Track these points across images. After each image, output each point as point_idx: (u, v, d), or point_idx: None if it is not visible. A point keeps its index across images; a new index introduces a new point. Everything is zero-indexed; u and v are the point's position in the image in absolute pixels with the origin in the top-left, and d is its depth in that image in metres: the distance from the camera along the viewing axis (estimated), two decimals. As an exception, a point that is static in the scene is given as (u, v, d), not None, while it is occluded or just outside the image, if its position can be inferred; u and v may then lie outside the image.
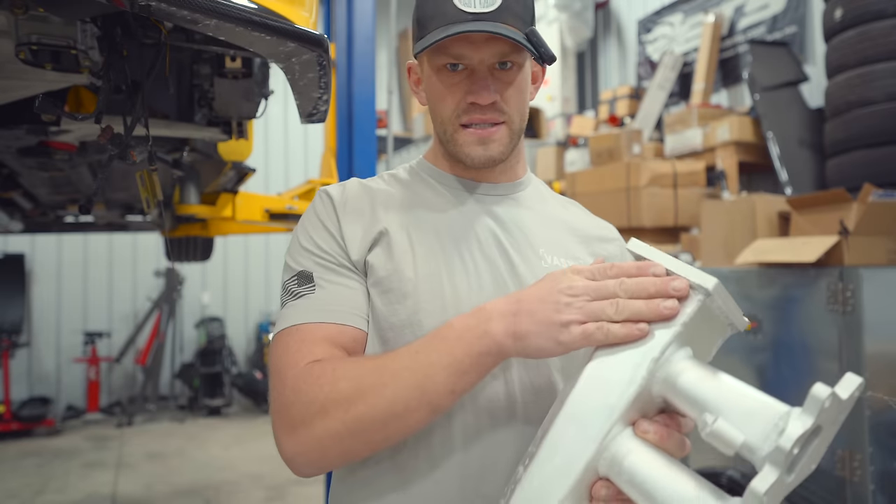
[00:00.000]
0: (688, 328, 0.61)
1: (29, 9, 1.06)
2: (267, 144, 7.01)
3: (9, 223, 3.11)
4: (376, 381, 0.70)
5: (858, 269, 2.07)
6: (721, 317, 0.64)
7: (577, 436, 0.61)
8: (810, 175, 3.68)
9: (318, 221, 0.87)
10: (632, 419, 0.62)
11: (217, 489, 4.20)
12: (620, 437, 0.61)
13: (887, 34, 3.13)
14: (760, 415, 0.54)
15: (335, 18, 3.55)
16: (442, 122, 0.87)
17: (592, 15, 6.81)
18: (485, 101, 0.82)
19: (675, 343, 0.61)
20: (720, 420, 0.55)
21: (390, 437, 0.72)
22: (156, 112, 1.67)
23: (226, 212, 3.15)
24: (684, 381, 0.59)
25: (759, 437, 0.52)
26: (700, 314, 0.61)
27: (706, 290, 0.60)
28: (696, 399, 0.58)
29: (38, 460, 4.89)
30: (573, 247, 0.92)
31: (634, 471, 0.59)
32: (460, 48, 0.81)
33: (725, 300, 0.62)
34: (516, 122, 0.87)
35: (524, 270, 0.86)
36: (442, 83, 0.85)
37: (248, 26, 1.01)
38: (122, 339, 6.32)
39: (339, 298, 0.81)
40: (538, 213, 0.94)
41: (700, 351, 0.64)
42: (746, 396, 0.56)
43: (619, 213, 3.79)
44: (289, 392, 0.74)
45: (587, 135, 5.20)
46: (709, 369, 0.60)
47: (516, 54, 0.83)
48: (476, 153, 0.86)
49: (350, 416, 0.70)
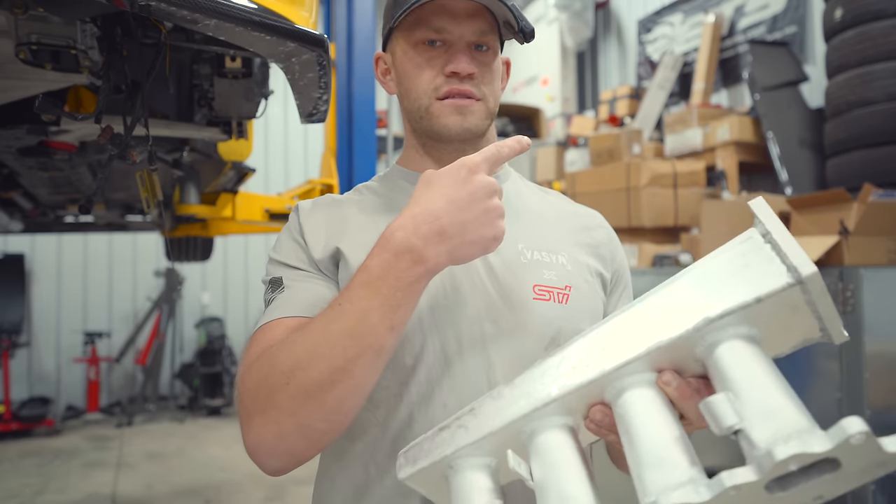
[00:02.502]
0: (763, 306, 0.54)
1: (29, 9, 1.06)
2: (267, 144, 7.01)
3: (9, 223, 3.11)
4: (310, 345, 0.67)
5: (858, 269, 2.07)
6: (810, 314, 0.56)
7: (600, 354, 0.60)
8: (810, 175, 3.68)
9: (287, 232, 0.89)
10: (660, 367, 0.59)
11: (217, 489, 4.20)
12: (640, 375, 0.58)
13: (887, 34, 3.13)
14: (779, 417, 0.49)
15: (335, 18, 3.55)
16: (417, 97, 0.86)
17: (592, 15, 6.81)
18: (465, 72, 0.82)
19: (740, 314, 0.54)
20: (722, 395, 0.51)
21: (344, 397, 0.67)
22: (156, 112, 1.67)
23: (226, 212, 3.15)
24: (723, 352, 0.54)
25: (761, 436, 0.48)
26: (783, 299, 0.54)
27: (798, 276, 0.53)
28: (725, 374, 0.53)
29: (38, 460, 4.89)
30: (554, 240, 0.90)
31: (630, 408, 0.57)
32: (441, 21, 0.82)
33: (821, 298, 0.54)
34: (491, 103, 0.87)
35: (502, 268, 0.85)
36: (420, 56, 0.85)
37: (248, 26, 1.01)
38: (122, 339, 6.33)
39: (303, 294, 0.80)
40: (516, 207, 0.92)
41: (772, 340, 0.57)
42: (776, 396, 0.51)
43: (619, 213, 3.79)
44: (239, 387, 0.73)
45: (587, 135, 5.20)
46: (760, 356, 0.54)
47: (492, 36, 0.85)
48: (453, 122, 0.85)
49: (293, 387, 0.66)
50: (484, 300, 0.82)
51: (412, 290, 0.67)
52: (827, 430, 0.46)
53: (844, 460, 0.46)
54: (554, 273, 0.86)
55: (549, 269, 0.86)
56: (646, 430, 0.55)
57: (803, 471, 0.47)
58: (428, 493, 0.70)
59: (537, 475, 0.60)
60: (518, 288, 0.84)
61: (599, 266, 0.91)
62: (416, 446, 0.69)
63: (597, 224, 0.97)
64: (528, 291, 0.83)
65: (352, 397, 0.68)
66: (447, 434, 0.66)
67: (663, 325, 0.57)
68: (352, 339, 0.65)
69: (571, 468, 0.59)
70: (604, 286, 0.91)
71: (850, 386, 2.07)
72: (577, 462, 0.59)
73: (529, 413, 0.61)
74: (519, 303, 0.82)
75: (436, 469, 0.66)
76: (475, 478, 0.64)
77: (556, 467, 0.59)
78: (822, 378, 2.17)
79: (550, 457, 0.60)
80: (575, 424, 0.63)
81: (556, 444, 0.61)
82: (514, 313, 0.82)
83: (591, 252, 0.92)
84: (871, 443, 0.45)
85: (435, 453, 0.66)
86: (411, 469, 0.67)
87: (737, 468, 0.47)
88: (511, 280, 0.84)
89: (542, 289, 0.84)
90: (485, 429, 0.63)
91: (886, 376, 2.07)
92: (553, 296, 0.84)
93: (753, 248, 0.57)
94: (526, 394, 0.63)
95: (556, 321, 0.83)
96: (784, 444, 0.46)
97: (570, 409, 0.62)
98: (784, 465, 0.45)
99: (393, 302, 0.66)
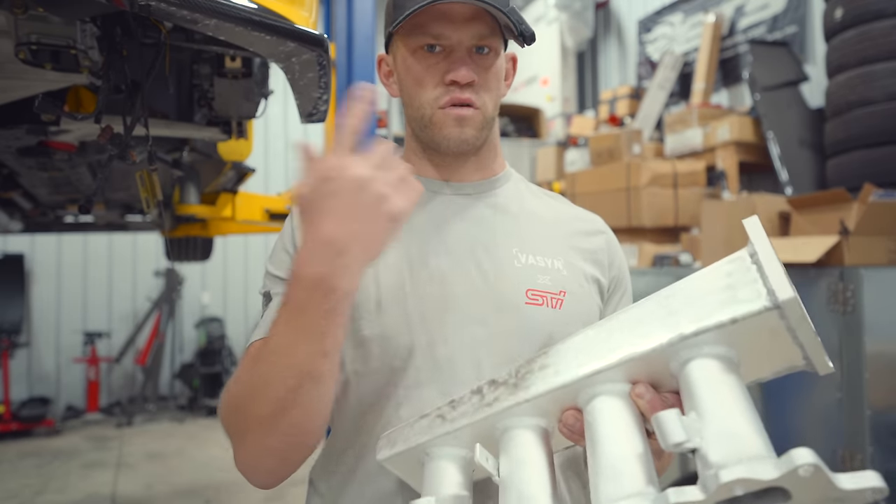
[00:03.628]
0: (738, 328, 0.54)
1: (29, 9, 1.06)
2: (267, 144, 7.00)
3: (9, 223, 3.11)
4: (255, 378, 0.69)
5: (859, 269, 2.07)
6: (791, 341, 0.55)
7: (576, 359, 0.61)
8: (810, 175, 3.68)
9: (279, 241, 0.90)
10: (636, 378, 0.59)
11: (217, 489, 4.20)
12: (613, 384, 0.58)
13: (887, 34, 3.13)
14: (735, 440, 0.48)
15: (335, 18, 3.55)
16: (420, 106, 0.85)
17: (592, 15, 6.81)
18: (465, 80, 0.81)
19: (716, 333, 0.54)
20: (670, 412, 0.51)
21: (297, 422, 0.68)
22: (156, 112, 1.67)
23: (226, 212, 3.16)
24: (693, 369, 0.54)
25: (714, 457, 0.47)
26: (760, 322, 0.53)
27: (775, 301, 0.52)
28: (691, 391, 0.53)
29: (37, 460, 4.89)
30: (551, 244, 0.90)
31: (597, 416, 0.57)
32: (440, 27, 0.81)
33: (800, 325, 0.53)
34: (489, 111, 0.86)
35: (494, 273, 0.85)
36: (419, 64, 0.84)
37: (247, 26, 1.01)
38: (122, 339, 6.32)
39: None
40: (514, 211, 0.92)
41: (753, 364, 0.57)
42: (738, 419, 0.50)
43: (619, 213, 3.79)
44: (220, 407, 0.76)
45: (587, 135, 5.20)
46: (730, 378, 0.53)
47: (493, 38, 0.83)
48: (453, 134, 0.84)
49: (252, 417, 0.69)
50: (475, 304, 0.83)
51: (334, 317, 0.65)
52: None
53: (794, 491, 0.45)
54: (549, 278, 0.86)
55: (543, 274, 0.86)
56: (609, 440, 0.55)
57: (754, 499, 0.47)
58: (403, 475, 0.74)
59: (503, 471, 0.61)
60: (510, 292, 0.84)
61: (597, 272, 0.91)
62: (397, 431, 0.73)
63: (596, 229, 0.96)
64: (521, 296, 0.84)
65: (306, 421, 0.69)
66: (426, 422, 0.69)
67: (640, 337, 0.58)
68: (289, 370, 0.66)
69: (535, 468, 0.60)
70: (601, 292, 0.91)
71: (850, 386, 2.07)
72: (541, 463, 0.60)
73: (503, 410, 0.63)
74: (510, 307, 0.82)
75: (412, 454, 0.69)
76: (447, 467, 0.66)
77: (520, 466, 0.60)
78: (822, 378, 2.17)
79: (517, 454, 0.61)
80: (549, 427, 0.64)
81: (525, 443, 0.62)
82: (505, 317, 0.82)
83: (589, 257, 0.92)
84: (820, 476, 0.44)
85: (412, 439, 0.69)
86: (389, 452, 0.71)
87: (687, 486, 0.47)
88: (503, 284, 0.84)
89: (536, 293, 0.84)
90: (461, 421, 0.65)
91: (886, 376, 2.07)
92: (547, 301, 0.84)
93: (741, 269, 0.58)
94: (503, 393, 0.64)
95: (548, 326, 0.83)
96: (732, 467, 0.45)
97: (543, 411, 0.63)
98: (729, 489, 0.45)
99: (317, 331, 0.65)
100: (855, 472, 0.45)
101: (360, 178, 0.64)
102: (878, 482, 0.44)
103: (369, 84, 0.65)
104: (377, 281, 0.83)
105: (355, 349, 0.82)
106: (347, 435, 0.85)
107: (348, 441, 0.85)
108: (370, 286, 0.83)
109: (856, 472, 0.45)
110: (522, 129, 6.41)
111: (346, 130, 0.67)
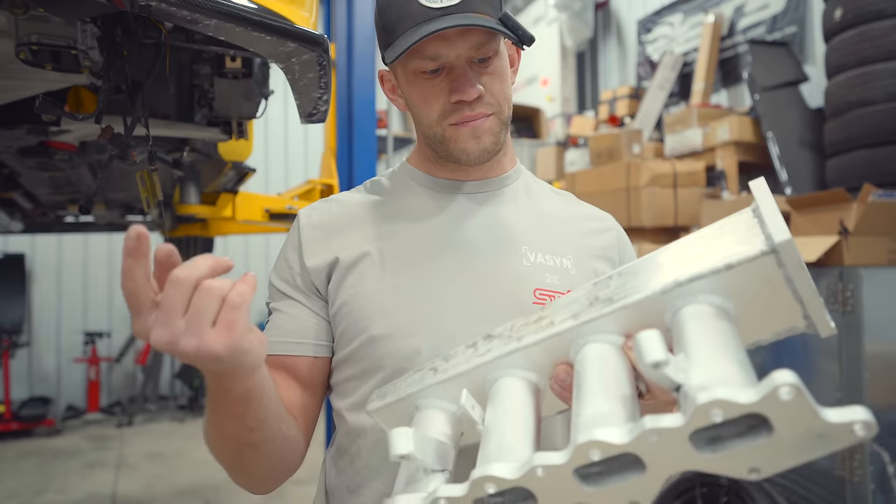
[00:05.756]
0: (734, 274, 0.51)
1: (29, 9, 1.06)
2: (267, 144, 7.00)
3: (9, 223, 3.11)
4: (211, 440, 0.74)
5: (858, 269, 2.07)
6: (789, 294, 0.52)
7: (571, 310, 0.60)
8: (810, 175, 3.68)
9: (283, 248, 0.91)
10: (630, 331, 0.57)
11: (217, 489, 4.20)
12: (606, 335, 0.57)
13: (887, 34, 3.13)
14: (722, 374, 0.45)
15: (335, 18, 3.55)
16: (429, 125, 0.85)
17: (592, 15, 6.81)
18: (471, 98, 0.80)
19: (711, 280, 0.52)
20: (651, 332, 0.46)
21: (254, 470, 0.76)
22: (156, 112, 1.67)
23: (226, 212, 3.16)
24: (686, 313, 0.52)
25: (693, 384, 0.44)
26: (756, 269, 0.51)
27: (772, 244, 0.50)
28: (681, 332, 0.51)
29: (38, 460, 4.89)
30: (561, 243, 0.90)
31: (586, 359, 0.56)
32: (434, 48, 0.79)
33: (797, 272, 0.51)
34: (504, 111, 0.85)
35: (503, 272, 0.84)
36: (422, 87, 0.83)
37: (248, 26, 1.01)
38: (122, 339, 6.32)
39: (282, 329, 0.85)
40: (523, 208, 0.92)
41: (751, 321, 0.54)
42: (726, 358, 0.47)
43: (619, 213, 3.79)
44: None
45: (587, 135, 5.20)
46: (724, 325, 0.51)
47: (491, 43, 0.81)
48: (471, 147, 0.84)
49: (226, 468, 0.77)
50: (483, 304, 0.83)
51: (248, 402, 0.66)
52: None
53: (776, 421, 0.41)
54: (557, 277, 0.86)
55: (552, 274, 0.86)
56: (595, 380, 0.53)
57: (735, 433, 0.44)
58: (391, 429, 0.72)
59: (488, 419, 0.59)
60: (518, 292, 0.84)
61: (608, 269, 0.91)
62: (389, 385, 0.72)
63: (607, 227, 0.96)
64: (529, 296, 0.83)
65: (263, 468, 0.75)
66: (418, 375, 0.69)
67: (636, 287, 0.56)
68: (227, 441, 0.72)
69: (519, 419, 0.57)
70: None
71: (850, 386, 2.07)
72: (526, 414, 0.58)
73: (494, 360, 0.62)
74: (518, 307, 0.82)
75: (401, 407, 0.68)
76: (435, 415, 0.65)
77: (504, 416, 0.58)
78: (822, 378, 2.17)
79: (503, 405, 0.60)
80: (540, 383, 0.62)
81: (512, 393, 0.60)
82: (511, 318, 0.82)
83: (600, 255, 0.92)
84: (803, 404, 0.40)
85: (402, 391, 0.68)
86: (379, 403, 0.70)
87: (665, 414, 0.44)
88: (511, 284, 0.84)
89: (544, 293, 0.84)
90: (452, 371, 0.65)
91: (886, 376, 2.07)
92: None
93: (742, 222, 0.57)
94: (497, 344, 0.64)
95: None
96: (710, 389, 0.42)
97: (535, 364, 0.61)
98: (705, 411, 0.41)
99: (235, 414, 0.67)
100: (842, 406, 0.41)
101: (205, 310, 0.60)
102: (865, 416, 0.40)
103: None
104: (385, 281, 0.83)
105: (363, 349, 0.82)
106: (353, 436, 0.85)
107: (352, 440, 0.85)
108: (378, 286, 0.83)
109: (843, 407, 0.41)
110: (522, 129, 6.41)
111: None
